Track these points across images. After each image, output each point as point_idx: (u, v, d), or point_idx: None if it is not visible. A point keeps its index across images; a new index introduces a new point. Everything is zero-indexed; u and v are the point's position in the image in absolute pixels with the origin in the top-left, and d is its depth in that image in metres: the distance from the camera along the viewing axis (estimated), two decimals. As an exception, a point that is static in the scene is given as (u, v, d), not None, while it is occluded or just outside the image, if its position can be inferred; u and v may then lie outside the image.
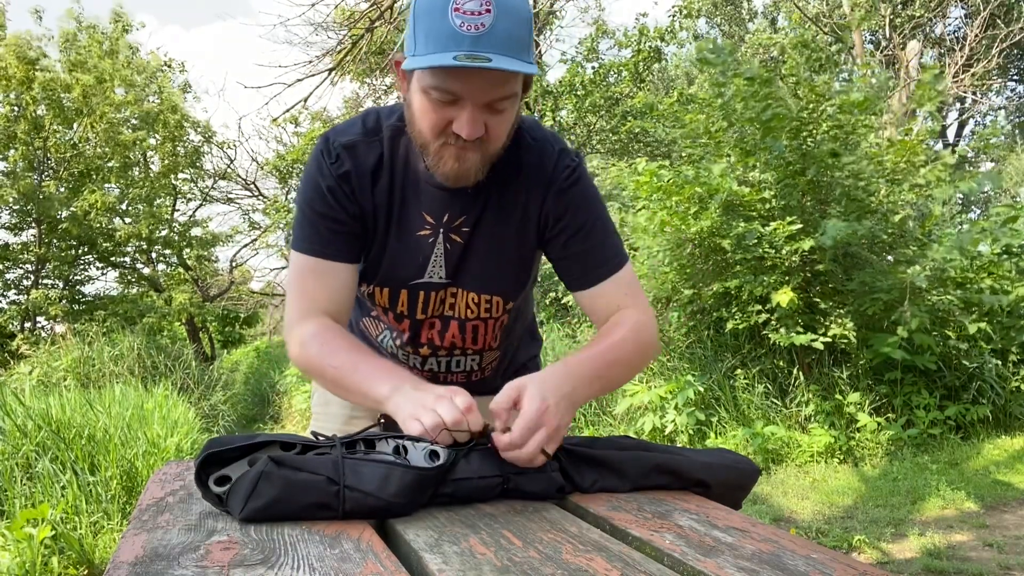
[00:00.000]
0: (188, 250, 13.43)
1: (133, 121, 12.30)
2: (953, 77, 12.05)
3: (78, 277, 12.55)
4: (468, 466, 0.89)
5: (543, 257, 1.28)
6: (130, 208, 12.59)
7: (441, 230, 1.17)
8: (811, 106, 5.13)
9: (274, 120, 11.09)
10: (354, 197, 1.15)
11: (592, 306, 1.20)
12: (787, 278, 5.02)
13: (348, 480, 0.80)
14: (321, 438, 0.93)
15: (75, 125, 11.58)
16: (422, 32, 0.97)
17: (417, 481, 0.83)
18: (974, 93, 13.37)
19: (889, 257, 5.41)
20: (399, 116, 1.16)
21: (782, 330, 4.91)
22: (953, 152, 5.58)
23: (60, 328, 10.55)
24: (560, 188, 1.16)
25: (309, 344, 1.11)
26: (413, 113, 1.06)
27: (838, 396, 4.88)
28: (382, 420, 1.32)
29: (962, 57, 12.24)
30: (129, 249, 12.83)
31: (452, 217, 1.16)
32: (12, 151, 11.22)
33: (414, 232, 1.17)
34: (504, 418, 0.92)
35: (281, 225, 13.88)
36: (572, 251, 1.18)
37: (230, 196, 16.22)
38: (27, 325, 11.20)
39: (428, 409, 0.92)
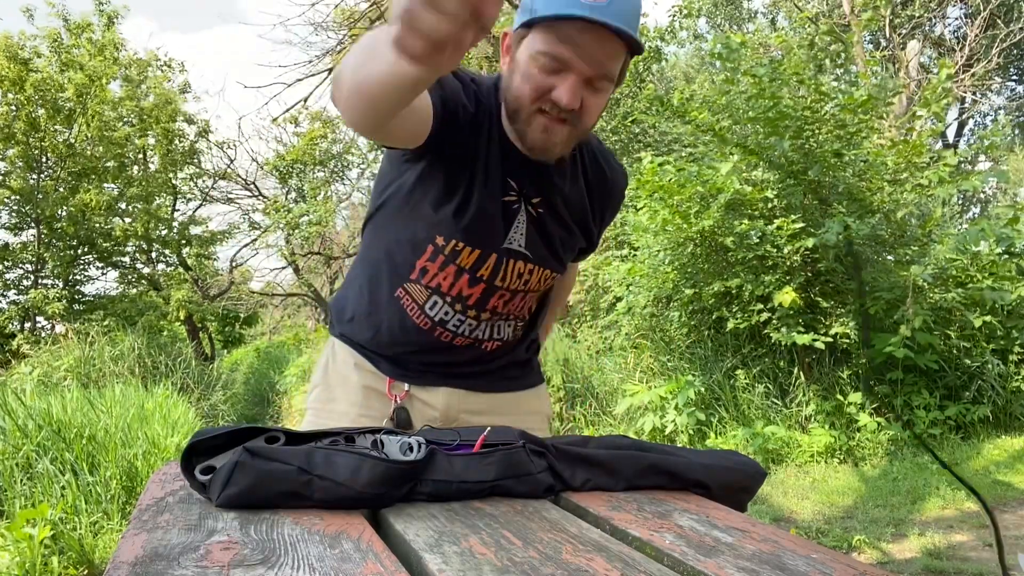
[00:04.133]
0: (188, 248, 13.43)
1: (132, 120, 12.30)
2: (953, 77, 12.03)
3: (78, 277, 12.54)
4: (451, 469, 0.88)
5: None
6: (129, 207, 12.59)
7: (522, 199, 1.20)
8: (814, 105, 5.13)
9: (274, 120, 11.11)
10: (461, 125, 1.11)
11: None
12: (788, 277, 5.02)
13: (319, 470, 0.82)
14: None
15: (73, 125, 11.58)
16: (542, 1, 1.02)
17: (389, 473, 0.84)
18: (974, 93, 13.37)
19: (889, 257, 5.41)
20: (497, 80, 1.18)
21: (783, 329, 4.91)
22: (955, 152, 5.59)
23: (60, 328, 10.56)
24: (615, 206, 1.37)
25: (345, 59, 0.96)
26: (515, 77, 1.08)
27: (839, 396, 4.88)
28: (393, 417, 1.30)
29: (962, 57, 12.24)
30: (129, 248, 12.83)
31: (530, 194, 1.20)
32: (10, 151, 11.22)
33: (500, 197, 1.19)
34: None
35: (281, 225, 13.89)
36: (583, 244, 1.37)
37: (230, 196, 16.21)
38: (27, 325, 11.20)
39: None
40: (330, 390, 1.35)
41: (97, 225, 11.90)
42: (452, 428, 1.05)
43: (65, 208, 11.51)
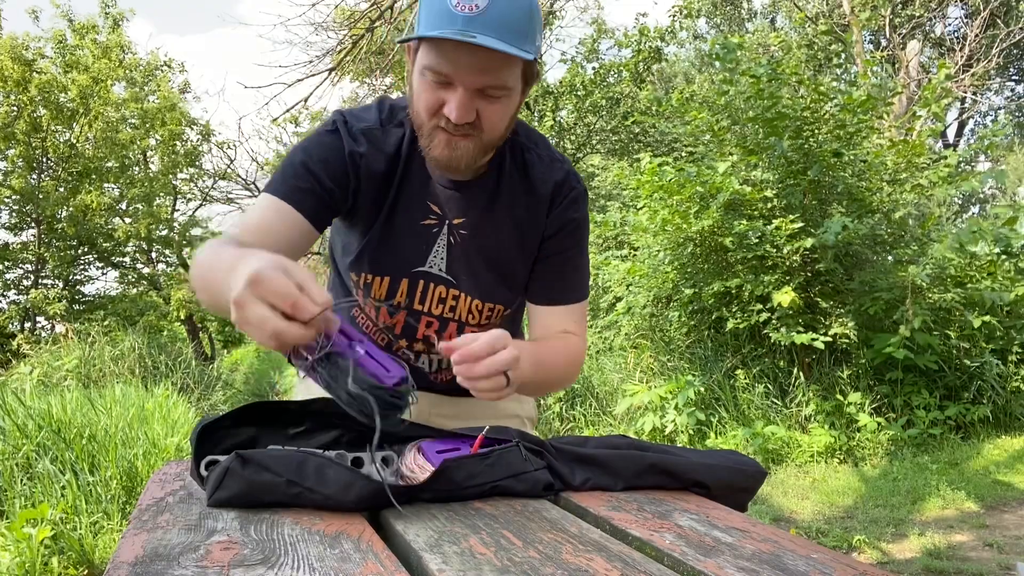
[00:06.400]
0: (188, 249, 13.44)
1: (132, 121, 12.31)
2: (953, 77, 12.04)
3: (78, 277, 12.55)
4: (452, 479, 0.88)
5: None
6: (129, 208, 12.60)
7: (446, 222, 1.17)
8: (813, 105, 5.14)
9: (274, 120, 11.09)
10: (357, 178, 1.13)
11: (541, 320, 1.23)
12: (788, 278, 5.02)
13: (310, 482, 0.82)
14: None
15: (74, 125, 11.59)
16: (424, 11, 0.99)
17: (378, 493, 0.83)
18: (974, 93, 13.37)
19: (889, 256, 5.42)
20: None
21: (783, 329, 4.91)
22: (954, 151, 5.59)
23: (60, 328, 10.56)
24: (561, 212, 1.19)
25: (204, 248, 1.02)
26: (412, 94, 1.06)
27: (838, 396, 4.88)
28: None
29: (962, 57, 12.23)
30: (129, 249, 12.84)
31: (454, 215, 1.17)
32: (11, 151, 11.23)
33: (419, 221, 1.17)
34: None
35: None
36: (547, 270, 1.21)
37: (230, 196, 16.20)
38: (27, 325, 11.20)
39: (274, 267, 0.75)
40: (310, 394, 1.38)
41: (98, 225, 11.91)
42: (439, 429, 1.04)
43: (66, 208, 11.52)
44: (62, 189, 11.77)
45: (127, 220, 12.40)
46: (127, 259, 13.24)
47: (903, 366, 4.89)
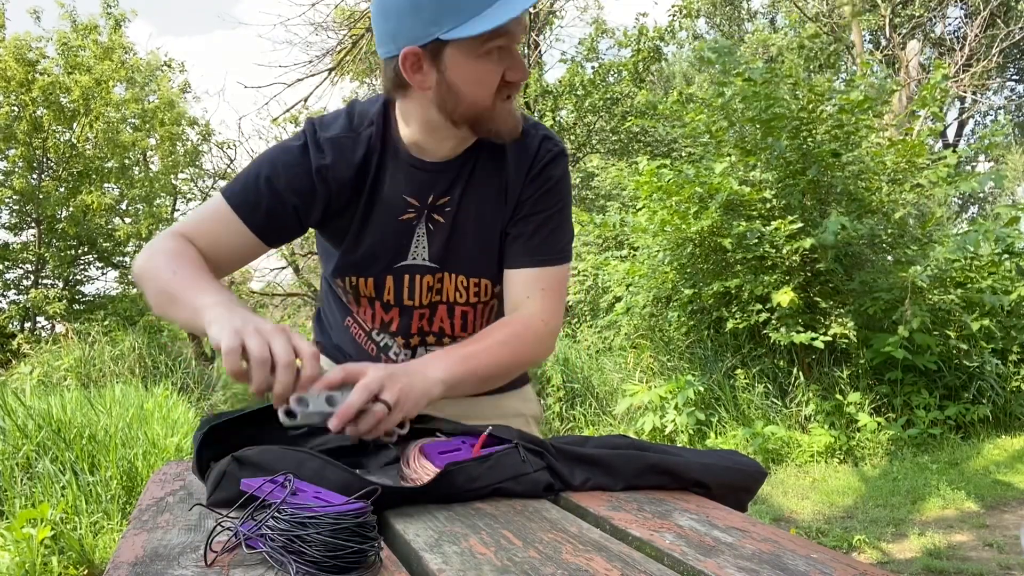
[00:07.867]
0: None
1: (133, 121, 12.31)
2: (953, 77, 12.05)
3: (78, 277, 12.54)
4: (452, 483, 0.88)
5: None
6: (130, 208, 12.60)
7: (425, 211, 1.16)
8: (811, 106, 5.14)
9: (274, 120, 11.10)
10: (327, 190, 1.13)
11: (509, 286, 1.18)
12: (787, 278, 5.02)
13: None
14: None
15: (74, 125, 11.60)
16: (452, 3, 0.98)
17: (382, 494, 0.82)
18: (974, 93, 13.37)
19: (889, 257, 5.42)
20: (383, 103, 1.16)
21: (782, 329, 4.91)
22: (954, 151, 5.59)
23: (60, 328, 10.56)
24: (538, 172, 1.17)
25: (160, 254, 1.07)
26: (459, 89, 1.05)
27: (838, 396, 4.88)
28: None
29: (962, 57, 12.24)
30: (129, 249, 12.83)
31: (436, 197, 1.16)
32: (11, 151, 11.23)
33: (397, 217, 1.16)
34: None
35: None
36: (521, 231, 1.17)
37: (230, 196, 16.19)
38: (27, 325, 11.20)
39: (255, 332, 0.86)
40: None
41: (98, 225, 11.91)
42: (444, 418, 1.04)
43: (66, 208, 11.52)
44: (62, 189, 11.77)
45: (127, 220, 12.39)
46: (127, 259, 13.23)
47: (903, 366, 4.89)
